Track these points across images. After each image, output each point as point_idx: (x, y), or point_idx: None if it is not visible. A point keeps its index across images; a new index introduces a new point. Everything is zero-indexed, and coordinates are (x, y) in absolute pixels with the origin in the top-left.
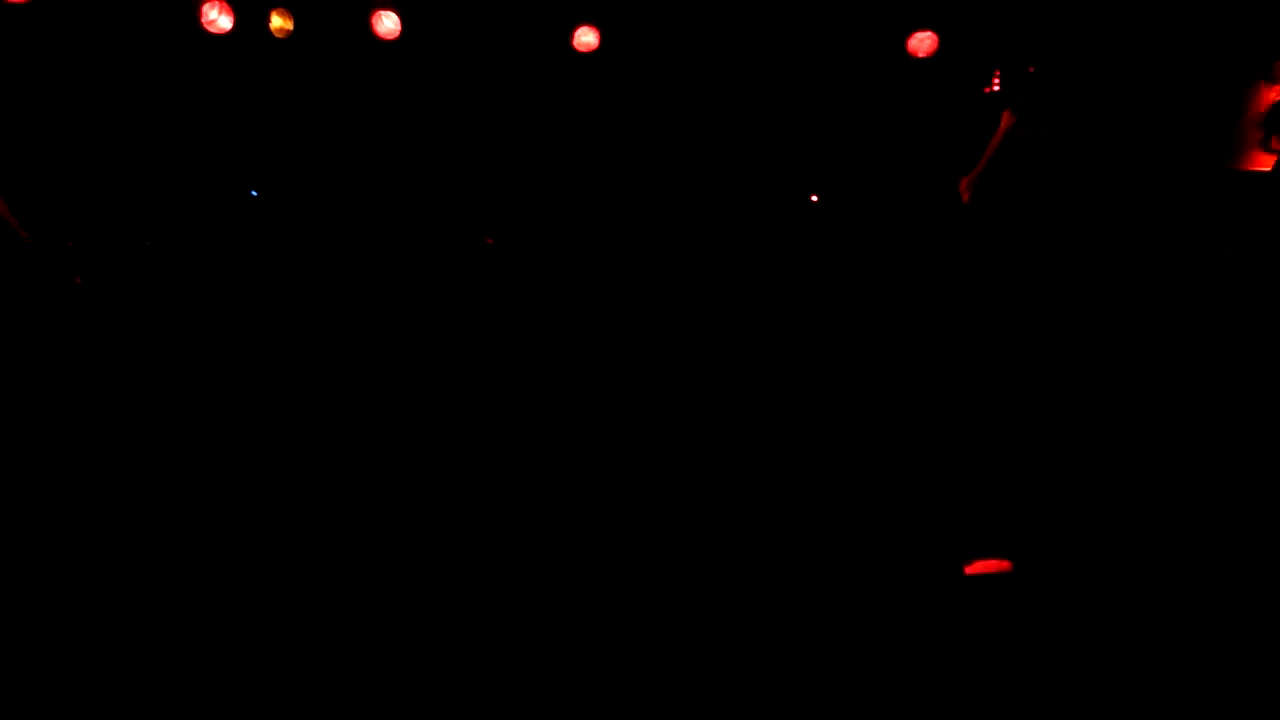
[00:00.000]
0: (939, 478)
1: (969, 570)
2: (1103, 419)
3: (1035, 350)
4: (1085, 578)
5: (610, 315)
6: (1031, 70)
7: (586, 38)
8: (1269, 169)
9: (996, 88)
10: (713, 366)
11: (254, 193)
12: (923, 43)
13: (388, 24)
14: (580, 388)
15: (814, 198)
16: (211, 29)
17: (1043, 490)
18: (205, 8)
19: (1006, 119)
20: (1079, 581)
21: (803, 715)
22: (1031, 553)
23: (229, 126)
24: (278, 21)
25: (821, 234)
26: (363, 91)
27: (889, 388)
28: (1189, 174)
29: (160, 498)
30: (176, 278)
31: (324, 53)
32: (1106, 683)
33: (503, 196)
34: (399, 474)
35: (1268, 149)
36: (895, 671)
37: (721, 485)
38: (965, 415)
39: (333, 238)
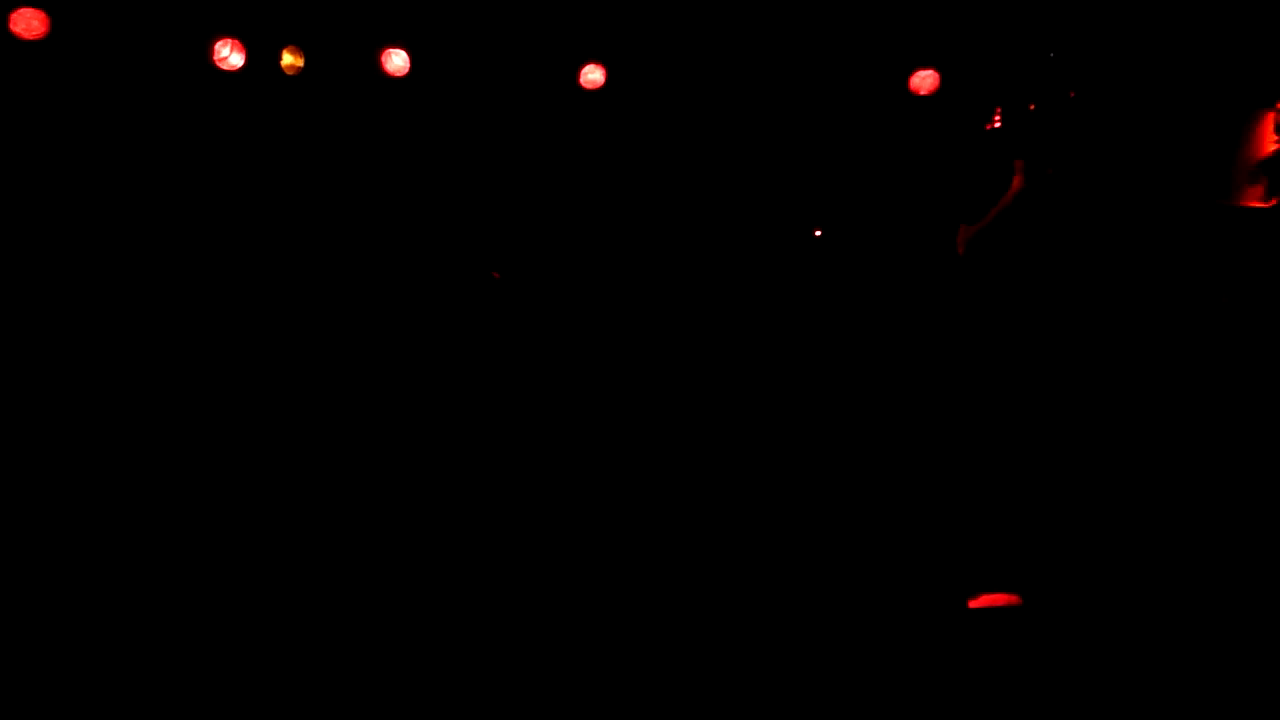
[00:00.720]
0: (943, 515)
1: (973, 604)
2: (1107, 458)
3: (1039, 385)
4: (1095, 613)
5: (615, 348)
6: (1033, 108)
7: (593, 75)
8: (1266, 205)
9: (998, 125)
10: (718, 398)
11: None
12: (925, 81)
13: (397, 61)
14: (588, 424)
15: (817, 233)
16: (223, 66)
17: (1050, 527)
18: (218, 45)
19: (1018, 182)
20: (1088, 617)
21: None
22: (1039, 587)
23: (240, 162)
24: (289, 59)
25: (826, 269)
26: (372, 127)
27: (894, 420)
28: (1187, 211)
29: (183, 534)
30: (185, 313)
31: (334, 89)
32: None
33: (509, 231)
34: (406, 505)
35: (1270, 196)
36: (899, 708)
37: (728, 517)
38: (970, 450)
39: (341, 270)
